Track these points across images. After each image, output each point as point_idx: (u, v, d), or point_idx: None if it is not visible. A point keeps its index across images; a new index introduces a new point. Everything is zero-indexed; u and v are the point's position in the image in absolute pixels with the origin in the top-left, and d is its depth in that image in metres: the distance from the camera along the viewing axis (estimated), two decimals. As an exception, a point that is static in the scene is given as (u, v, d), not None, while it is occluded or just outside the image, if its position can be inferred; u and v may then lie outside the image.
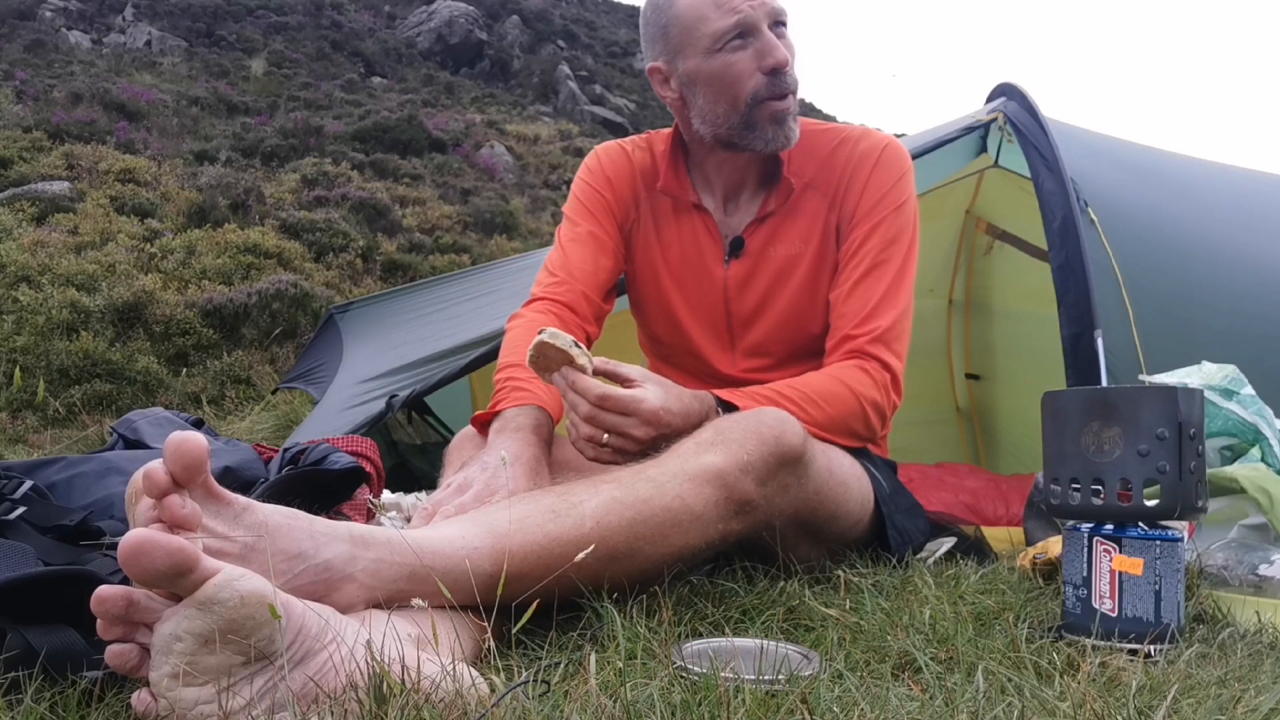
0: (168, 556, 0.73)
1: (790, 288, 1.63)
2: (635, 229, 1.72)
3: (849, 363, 1.51)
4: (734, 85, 1.52)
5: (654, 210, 1.71)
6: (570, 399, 1.29)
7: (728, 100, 1.54)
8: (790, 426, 1.25)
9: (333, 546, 0.91)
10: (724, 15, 1.50)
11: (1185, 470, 1.09)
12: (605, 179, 1.72)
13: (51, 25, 16.63)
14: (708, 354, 1.69)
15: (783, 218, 1.63)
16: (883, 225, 1.58)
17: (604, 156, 1.75)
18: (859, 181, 1.60)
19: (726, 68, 1.52)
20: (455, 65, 19.43)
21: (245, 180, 8.55)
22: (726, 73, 1.52)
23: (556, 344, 1.26)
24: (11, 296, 5.43)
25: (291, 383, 4.05)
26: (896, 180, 1.60)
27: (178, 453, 0.80)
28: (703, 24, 1.52)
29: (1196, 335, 2.00)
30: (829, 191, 1.62)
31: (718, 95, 1.54)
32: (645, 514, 1.11)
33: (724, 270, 1.66)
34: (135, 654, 0.78)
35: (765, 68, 1.51)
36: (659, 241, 1.70)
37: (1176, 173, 2.70)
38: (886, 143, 1.63)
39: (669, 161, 1.67)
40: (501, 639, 1.00)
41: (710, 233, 1.67)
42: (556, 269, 1.65)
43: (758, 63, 1.51)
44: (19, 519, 1.09)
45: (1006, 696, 0.84)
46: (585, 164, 1.76)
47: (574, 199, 1.73)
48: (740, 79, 1.52)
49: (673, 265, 1.69)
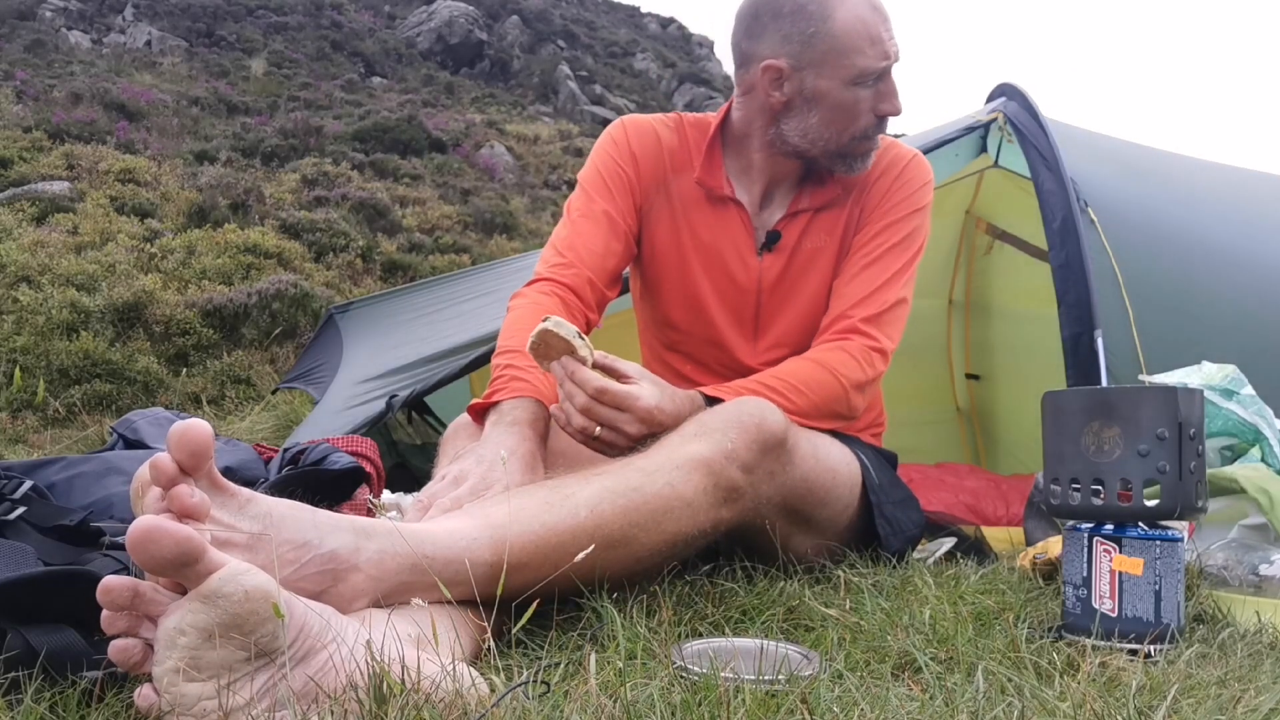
0: (175, 545, 0.73)
1: (813, 280, 1.65)
2: (655, 211, 1.69)
3: (833, 343, 1.53)
4: (851, 120, 1.56)
5: (683, 194, 1.68)
6: (567, 389, 1.29)
7: (837, 128, 1.57)
8: (770, 414, 1.28)
9: (337, 536, 0.92)
10: (877, 57, 1.52)
11: (1185, 470, 1.09)
12: (631, 154, 1.68)
13: (51, 25, 16.62)
14: (730, 343, 1.69)
15: (814, 213, 1.66)
16: (896, 224, 1.61)
17: (632, 130, 1.70)
18: (884, 184, 1.64)
19: (856, 103, 1.55)
20: (455, 65, 19.42)
21: (245, 180, 8.55)
22: (852, 107, 1.55)
23: (560, 333, 1.26)
24: (11, 296, 5.42)
25: (291, 383, 4.04)
26: (917, 188, 1.65)
27: (183, 440, 0.80)
28: (856, 55, 1.52)
29: (1196, 335, 2.00)
30: (852, 188, 1.66)
31: (831, 121, 1.56)
32: (638, 501, 1.13)
33: (758, 262, 1.66)
34: (139, 649, 0.78)
35: (880, 112, 1.56)
36: (689, 227, 1.68)
37: (1176, 173, 2.70)
38: (913, 154, 1.69)
39: (707, 153, 1.66)
40: (501, 638, 1.01)
41: (744, 225, 1.67)
42: (564, 249, 1.62)
43: (875, 103, 1.55)
44: (19, 519, 1.09)
45: (1006, 696, 0.84)
46: (610, 135, 1.71)
47: (593, 170, 1.68)
48: (859, 115, 1.56)
49: (704, 252, 1.67)
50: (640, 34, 24.74)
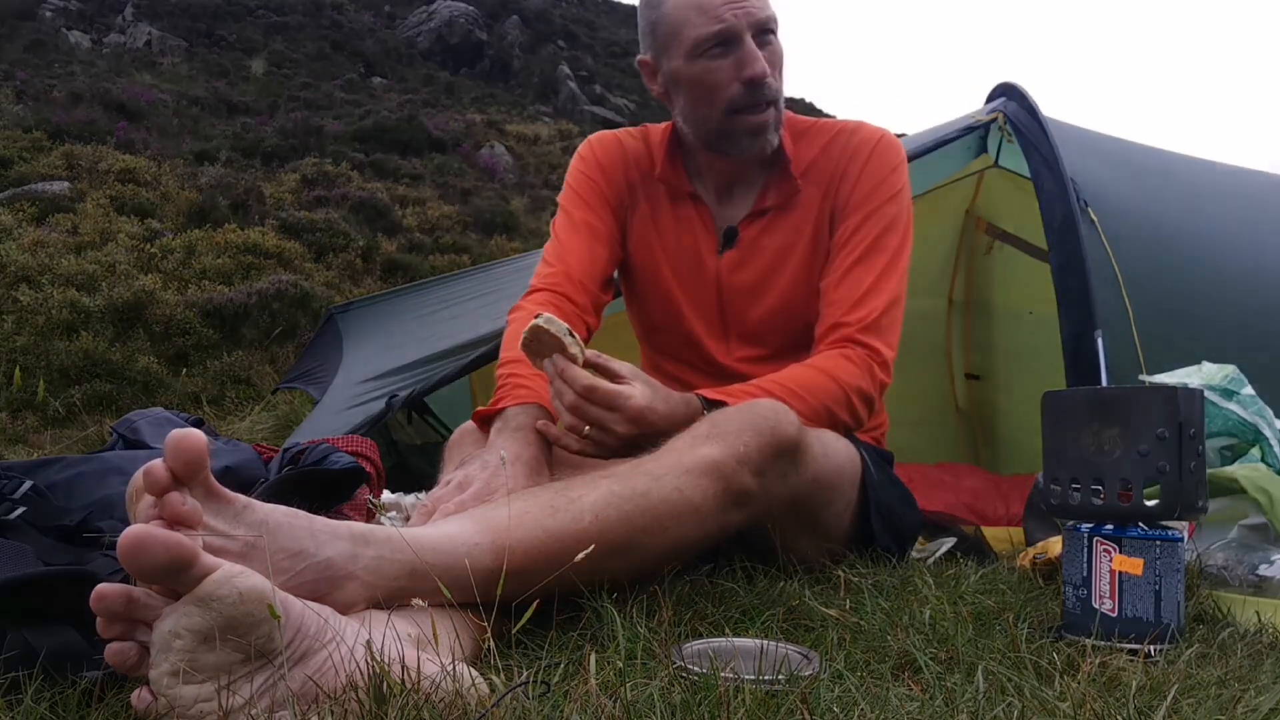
0: (167, 552, 0.73)
1: (784, 277, 1.63)
2: (631, 216, 1.72)
3: (834, 351, 1.51)
4: (712, 92, 1.54)
5: (650, 198, 1.71)
6: (557, 386, 1.29)
7: (705, 106, 1.56)
8: (785, 417, 1.26)
9: (334, 544, 0.91)
10: (707, 22, 1.49)
11: (1185, 470, 1.09)
12: (598, 166, 1.71)
13: (51, 25, 16.63)
14: (704, 342, 1.69)
15: (777, 211, 1.64)
16: (876, 214, 1.58)
17: (596, 144, 1.75)
18: (854, 171, 1.61)
19: (705, 74, 1.53)
20: (455, 65, 19.43)
21: (245, 180, 8.56)
22: (705, 79, 1.53)
23: (551, 330, 1.26)
24: (11, 296, 5.43)
25: (291, 383, 4.05)
26: (890, 171, 1.60)
27: (178, 449, 0.80)
28: (687, 28, 1.51)
29: (1196, 335, 2.00)
30: (823, 182, 1.63)
31: (697, 100, 1.56)
32: (644, 507, 1.11)
33: (716, 260, 1.66)
34: (135, 652, 0.78)
35: (743, 79, 1.51)
36: (656, 229, 1.70)
37: (1176, 173, 2.70)
38: (881, 135, 1.64)
39: (666, 151, 1.68)
40: (501, 639, 1.00)
41: (705, 223, 1.67)
42: (554, 260, 1.64)
43: (737, 72, 1.51)
44: (19, 519, 1.08)
45: (1006, 696, 0.84)
46: (578, 153, 1.75)
47: (568, 189, 1.72)
48: (718, 87, 1.53)
49: (670, 253, 1.69)
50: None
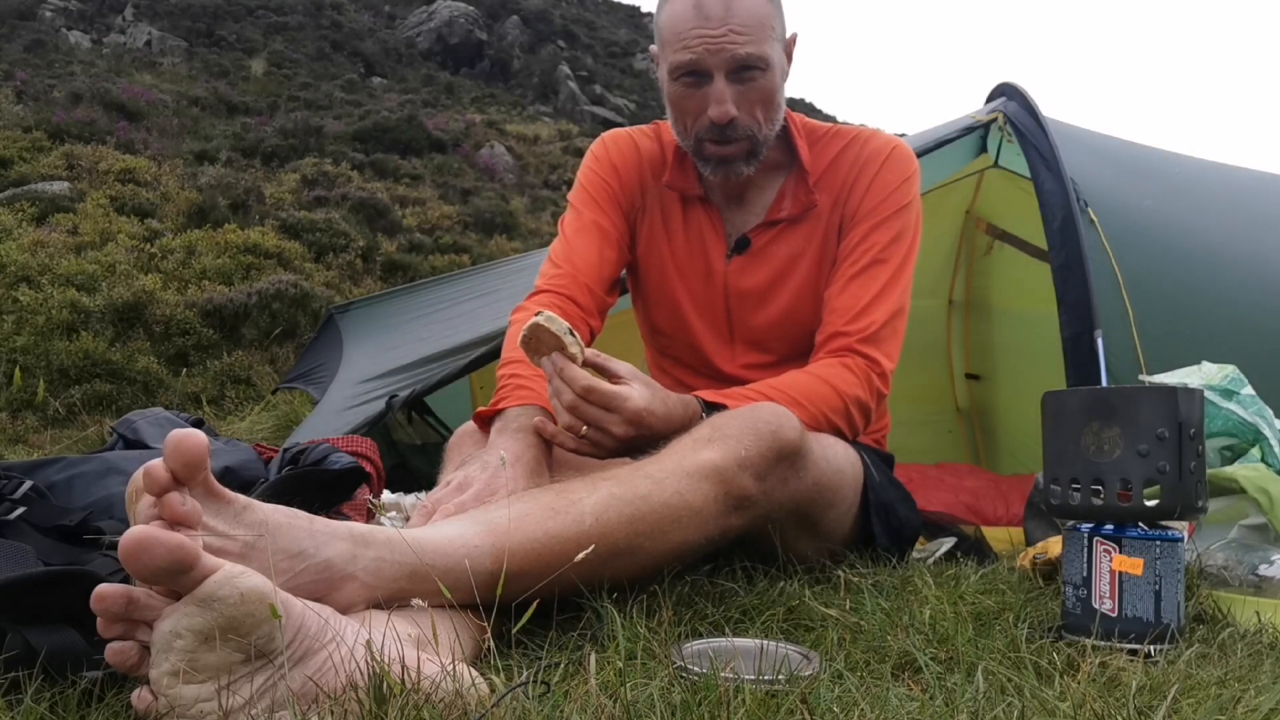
0: (168, 553, 0.73)
1: (791, 285, 1.62)
2: (641, 218, 1.71)
3: (834, 360, 1.50)
4: (683, 116, 1.55)
5: (661, 200, 1.70)
6: (555, 385, 1.28)
7: (679, 125, 1.58)
8: (788, 422, 1.25)
9: (333, 545, 0.91)
10: (677, 50, 1.49)
11: (1185, 470, 1.09)
12: (611, 166, 1.70)
13: (51, 25, 16.63)
14: (708, 348, 1.68)
15: (791, 222, 1.63)
16: (884, 224, 1.57)
17: (610, 144, 1.74)
18: (864, 180, 1.59)
19: (679, 98, 1.54)
20: (455, 65, 19.43)
21: (245, 180, 8.55)
22: (678, 103, 1.55)
23: (551, 328, 1.25)
24: (11, 296, 5.42)
25: (291, 383, 4.05)
26: (902, 182, 1.59)
27: (178, 450, 0.80)
28: (667, 49, 1.52)
29: (1196, 335, 2.00)
30: (834, 190, 1.62)
31: (674, 118, 1.58)
32: (644, 510, 1.11)
33: (725, 265, 1.65)
34: (135, 652, 0.78)
35: (705, 119, 1.51)
36: (666, 232, 1.69)
37: (1176, 173, 2.70)
38: (894, 144, 1.63)
39: (676, 154, 1.67)
40: (501, 639, 1.00)
41: (715, 227, 1.66)
42: (560, 260, 1.64)
43: (704, 107, 1.50)
44: (19, 519, 1.08)
45: (1006, 696, 0.84)
46: (591, 151, 1.74)
47: (579, 187, 1.72)
48: (688, 114, 1.54)
49: (678, 257, 1.68)
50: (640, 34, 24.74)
